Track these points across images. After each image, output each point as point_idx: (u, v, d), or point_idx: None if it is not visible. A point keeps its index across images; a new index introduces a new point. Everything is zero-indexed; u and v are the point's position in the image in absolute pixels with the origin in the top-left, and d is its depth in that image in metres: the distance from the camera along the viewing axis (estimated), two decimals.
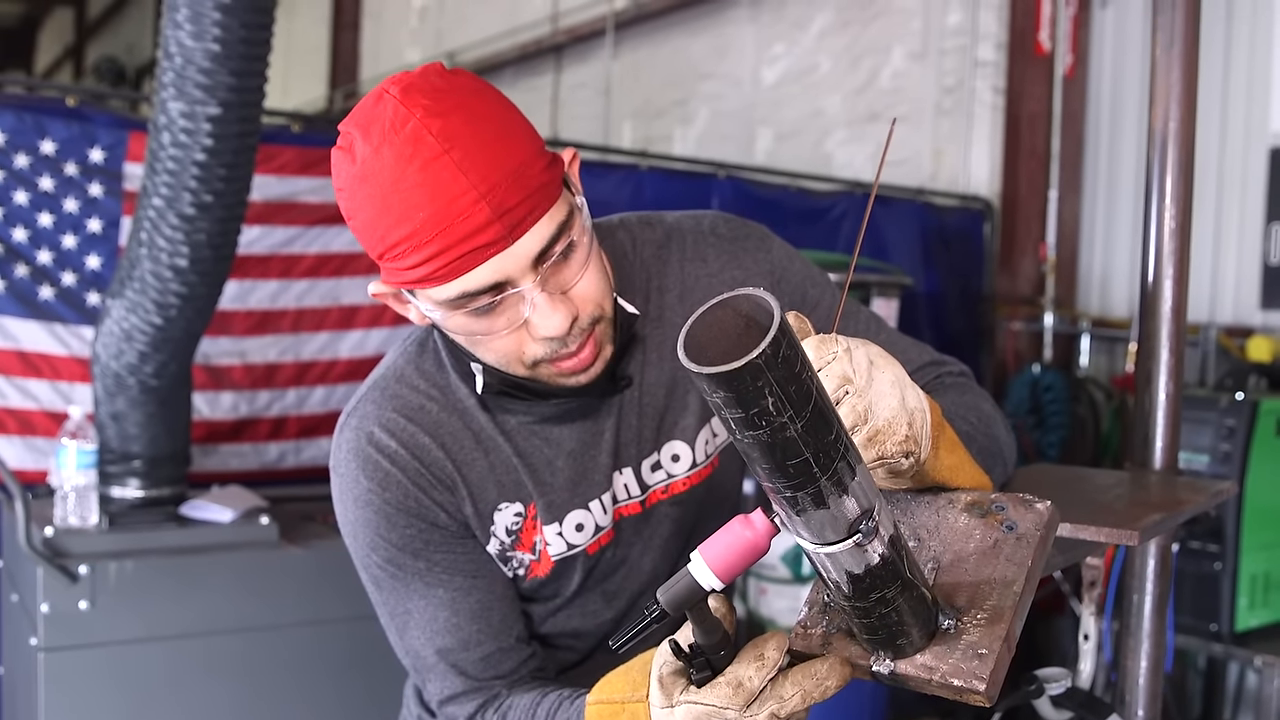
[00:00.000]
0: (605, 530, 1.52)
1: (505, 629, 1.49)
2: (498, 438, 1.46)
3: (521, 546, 1.50)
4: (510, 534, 1.48)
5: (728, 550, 0.96)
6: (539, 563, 1.51)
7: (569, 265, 1.30)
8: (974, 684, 0.91)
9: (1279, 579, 3.39)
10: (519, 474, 1.47)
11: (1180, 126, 1.51)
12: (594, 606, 1.59)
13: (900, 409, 0.99)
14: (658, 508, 1.55)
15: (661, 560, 1.59)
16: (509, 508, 1.47)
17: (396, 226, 1.23)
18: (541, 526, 1.49)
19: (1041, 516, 0.98)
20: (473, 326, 1.30)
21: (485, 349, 1.33)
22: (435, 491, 1.44)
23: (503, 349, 1.32)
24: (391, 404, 1.46)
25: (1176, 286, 1.53)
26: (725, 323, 0.80)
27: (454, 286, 1.25)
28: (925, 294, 4.88)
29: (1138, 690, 1.55)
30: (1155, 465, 1.55)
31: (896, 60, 5.58)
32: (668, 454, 1.54)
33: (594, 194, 4.03)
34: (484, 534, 1.47)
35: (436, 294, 1.26)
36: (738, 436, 0.79)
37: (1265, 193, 4.38)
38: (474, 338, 1.32)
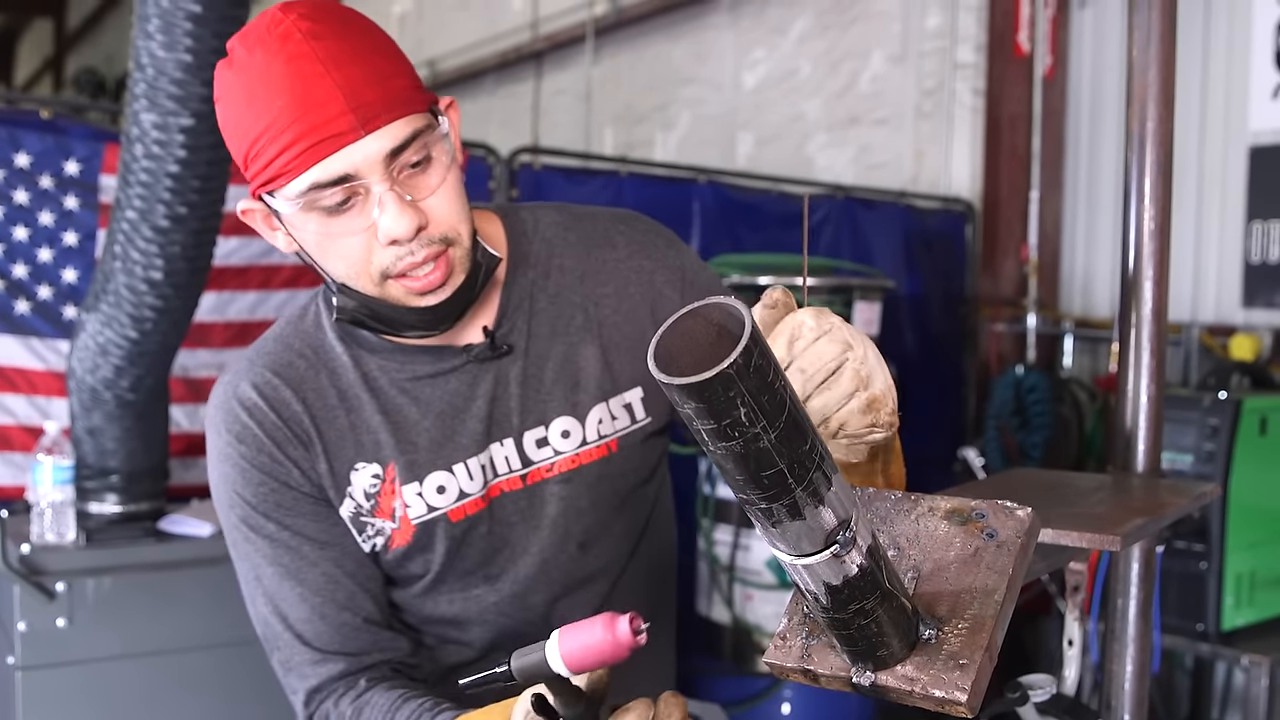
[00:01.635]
0: (472, 498, 1.50)
1: (354, 605, 1.47)
2: (363, 395, 1.47)
3: (380, 512, 1.48)
4: (368, 498, 1.47)
5: (585, 648, 1.00)
6: (399, 530, 1.49)
7: (423, 177, 1.34)
8: (955, 695, 0.90)
9: (1265, 578, 3.39)
10: (380, 434, 1.47)
11: (1158, 126, 1.50)
12: (476, 590, 1.56)
13: (888, 380, 1.05)
14: (543, 486, 1.53)
15: (549, 543, 1.56)
16: (366, 468, 1.47)
17: (258, 119, 1.27)
18: (400, 487, 1.48)
19: (1022, 523, 0.97)
20: (324, 226, 1.32)
21: (335, 255, 1.34)
22: (290, 447, 1.45)
23: (351, 253, 1.33)
24: (263, 360, 1.49)
25: (1157, 287, 1.52)
26: (696, 332, 0.78)
27: (306, 178, 1.28)
28: (908, 296, 4.88)
29: (1123, 695, 1.53)
30: (1138, 468, 1.54)
31: (876, 64, 5.58)
32: (556, 430, 1.53)
33: (574, 200, 4.03)
34: (339, 496, 1.47)
35: (291, 189, 1.29)
36: (710, 448, 0.77)
37: (1245, 191, 4.38)
38: (324, 242, 1.33)
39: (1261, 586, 3.39)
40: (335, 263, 1.35)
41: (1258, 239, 4.35)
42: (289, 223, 1.34)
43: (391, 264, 1.34)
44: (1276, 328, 4.21)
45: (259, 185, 1.32)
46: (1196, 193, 4.51)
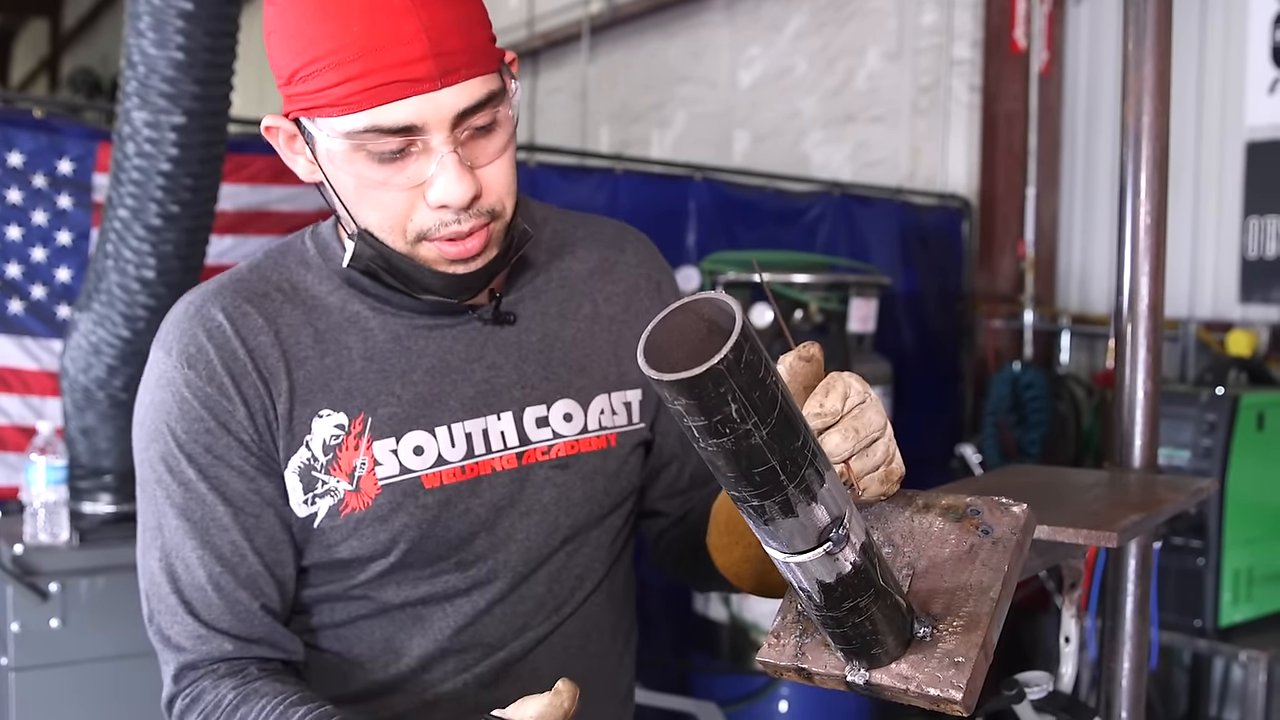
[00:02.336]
0: (450, 467, 1.36)
1: (254, 586, 1.31)
2: (348, 339, 1.35)
3: (336, 469, 1.33)
4: (326, 450, 1.32)
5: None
6: (356, 494, 1.34)
7: (487, 142, 1.26)
8: (950, 693, 0.89)
9: (1262, 574, 3.38)
10: (356, 380, 1.34)
11: (1154, 121, 1.50)
12: (448, 577, 1.40)
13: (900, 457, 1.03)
14: (537, 469, 1.41)
15: (536, 534, 1.43)
16: (330, 417, 1.33)
17: (325, 37, 1.17)
18: (372, 442, 1.34)
19: (1018, 520, 0.96)
20: (368, 172, 1.22)
21: (371, 205, 1.25)
22: (246, 382, 1.31)
23: (391, 207, 1.25)
24: (235, 286, 1.36)
25: (1153, 283, 1.52)
26: (687, 328, 0.77)
27: (366, 117, 1.19)
28: (904, 294, 4.87)
29: (1121, 692, 1.53)
30: (1134, 464, 1.53)
31: (872, 61, 5.57)
32: (559, 412, 1.44)
33: (570, 198, 4.04)
34: (292, 445, 1.32)
35: (343, 124, 1.20)
36: (701, 445, 0.76)
37: (1242, 187, 4.37)
38: (363, 189, 1.24)
39: (1259, 582, 3.38)
40: (369, 212, 1.26)
41: (1254, 234, 4.34)
42: (325, 156, 1.24)
43: (434, 227, 1.25)
44: (1273, 323, 4.21)
45: (302, 108, 1.22)
46: (1193, 189, 4.50)
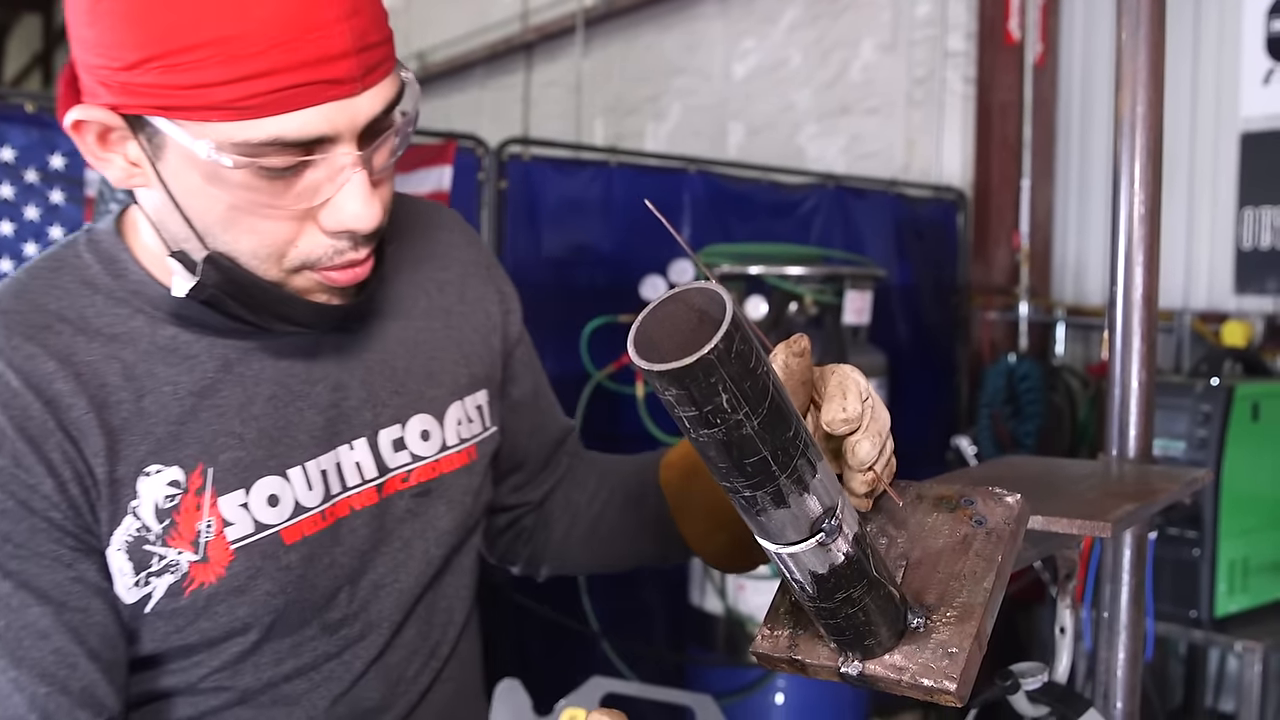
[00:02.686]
0: (312, 513, 1.14)
1: (92, 700, 1.03)
2: (163, 371, 1.08)
3: (176, 538, 1.07)
4: (161, 516, 1.06)
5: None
6: (206, 564, 1.08)
7: (385, 153, 1.06)
8: (944, 684, 0.89)
9: (1258, 564, 3.39)
10: (187, 423, 1.08)
11: (1148, 110, 1.49)
12: (315, 644, 1.17)
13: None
14: (397, 500, 1.22)
15: (406, 575, 1.23)
16: (161, 473, 1.06)
17: (211, 19, 0.93)
18: (216, 499, 1.08)
19: (1012, 510, 0.96)
20: (251, 191, 0.99)
21: (246, 229, 1.02)
22: (49, 444, 1.02)
23: (274, 233, 1.02)
24: (10, 323, 1.06)
25: (1147, 273, 1.51)
26: (677, 318, 0.77)
27: (271, 125, 0.96)
28: (899, 286, 4.87)
29: (1116, 682, 1.53)
30: (1129, 454, 1.53)
31: (866, 52, 5.56)
32: (415, 430, 1.24)
33: (564, 191, 4.03)
34: (115, 514, 1.05)
35: (234, 131, 0.96)
36: (692, 435, 0.76)
37: (1237, 178, 4.37)
38: (238, 210, 1.00)
39: (1254, 573, 3.38)
40: (241, 237, 1.02)
41: (1249, 225, 4.34)
42: (178, 165, 0.99)
43: (324, 256, 1.04)
44: (1268, 314, 4.21)
45: (157, 105, 0.96)
46: (1188, 180, 4.50)
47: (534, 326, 4.28)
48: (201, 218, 1.02)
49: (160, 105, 0.96)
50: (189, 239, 1.04)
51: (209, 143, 0.96)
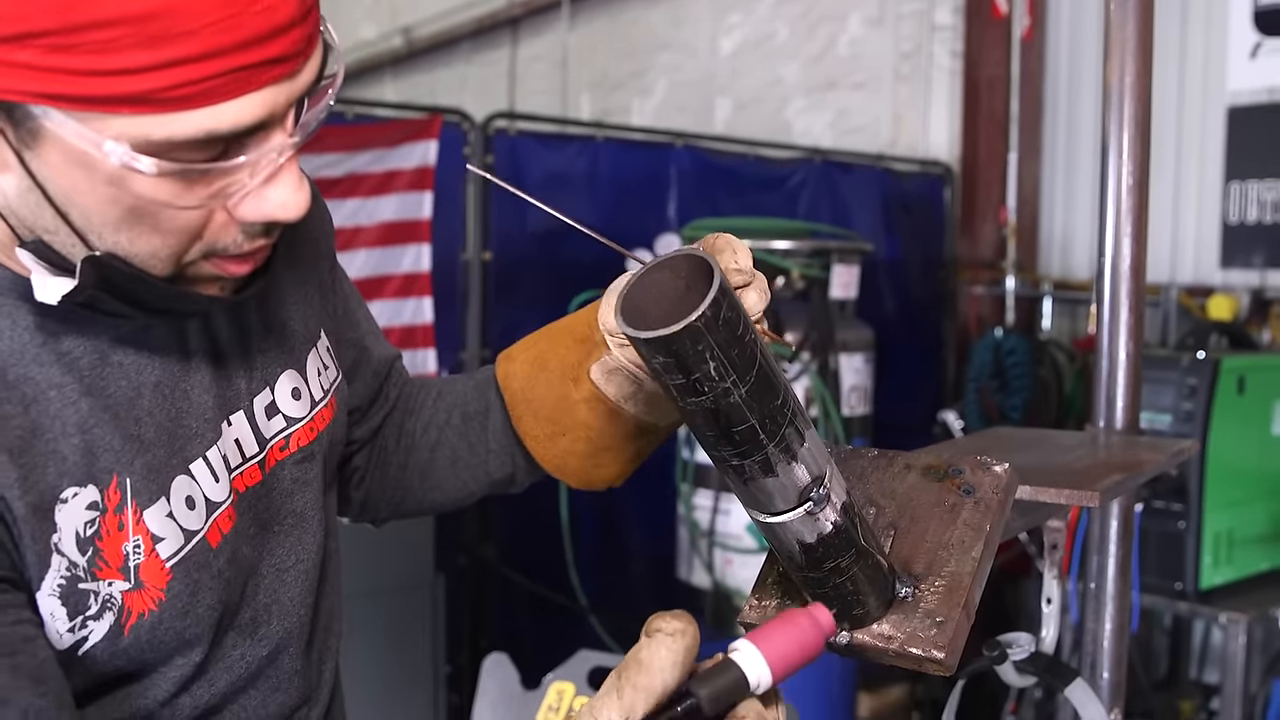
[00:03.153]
0: (224, 508, 1.01)
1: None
2: (41, 374, 0.91)
3: (104, 569, 0.92)
4: (84, 546, 0.91)
5: (793, 652, 0.81)
6: (141, 591, 0.93)
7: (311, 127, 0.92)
8: (932, 653, 0.89)
9: (1242, 537, 3.40)
10: (87, 431, 0.92)
11: (1136, 81, 1.49)
12: (241, 651, 1.05)
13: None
14: (281, 472, 1.09)
15: (305, 553, 1.11)
16: (78, 496, 0.91)
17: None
18: (140, 513, 0.94)
19: (1000, 479, 0.96)
20: (160, 190, 0.83)
21: (149, 232, 0.86)
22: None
23: (181, 231, 0.87)
24: None
25: (1135, 244, 1.51)
26: (665, 285, 0.77)
27: (199, 119, 0.80)
28: (886, 260, 4.87)
29: (1103, 653, 1.53)
30: (1116, 425, 1.54)
31: (854, 27, 5.55)
32: (285, 390, 1.10)
33: (550, 166, 4.02)
34: (41, 556, 0.89)
35: (156, 127, 0.80)
36: (680, 403, 0.76)
37: (1223, 152, 4.38)
38: (139, 213, 0.85)
39: (1239, 545, 3.40)
40: (139, 239, 0.86)
41: (1235, 199, 4.35)
42: (60, 160, 0.82)
43: (231, 244, 0.90)
44: (1254, 287, 4.22)
45: (46, 92, 0.78)
46: (1175, 153, 4.50)
47: (520, 301, 4.27)
48: (86, 218, 0.85)
49: (47, 93, 0.78)
50: (59, 234, 0.86)
51: (120, 144, 0.79)
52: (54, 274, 0.87)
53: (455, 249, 3.80)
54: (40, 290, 0.87)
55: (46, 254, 0.87)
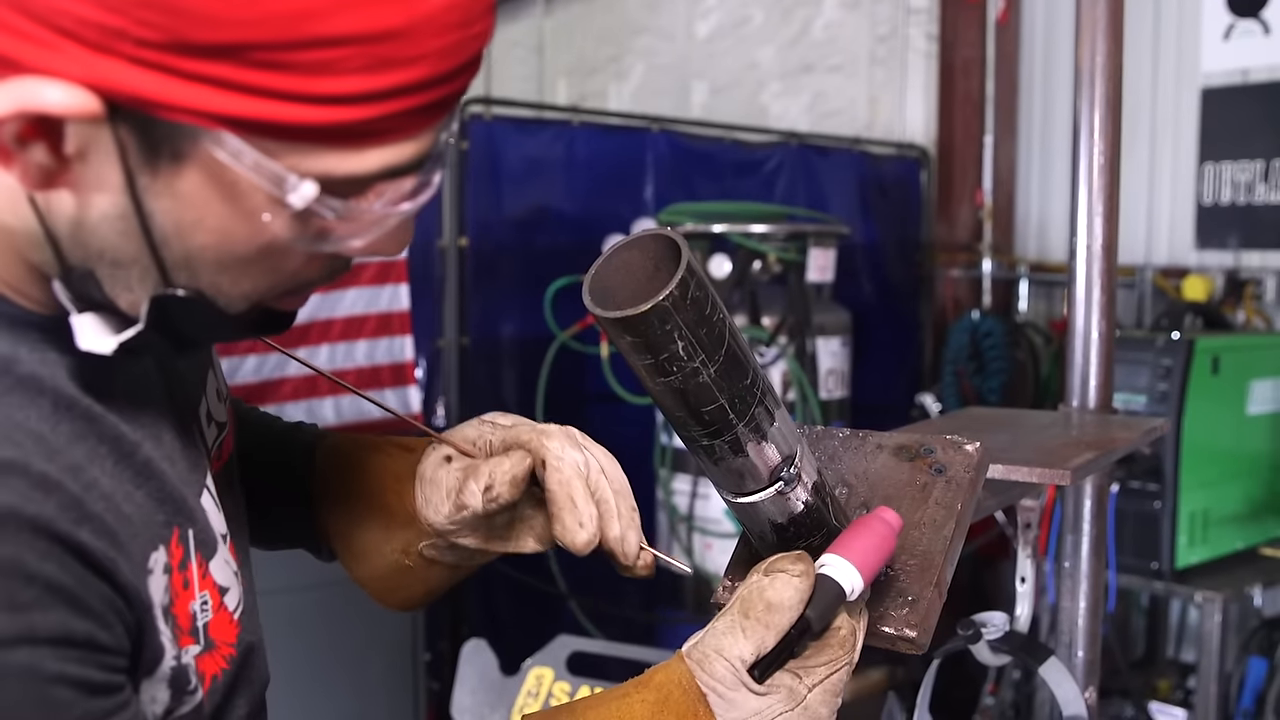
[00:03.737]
0: (228, 539, 0.93)
1: None
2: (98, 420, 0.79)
3: (185, 636, 0.82)
4: (168, 617, 0.81)
5: (875, 556, 0.85)
6: (213, 653, 0.85)
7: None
8: (905, 631, 0.89)
9: (1217, 516, 3.42)
10: (143, 477, 0.81)
11: (1107, 60, 1.49)
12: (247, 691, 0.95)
13: None
14: (222, 480, 0.97)
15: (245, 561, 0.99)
16: (158, 561, 0.80)
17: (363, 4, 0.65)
18: (206, 565, 0.86)
19: (971, 458, 0.96)
20: (296, 234, 0.74)
21: (265, 272, 0.77)
22: (100, 587, 0.73)
23: (289, 270, 0.79)
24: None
25: (1107, 224, 1.52)
26: (633, 265, 0.76)
27: (384, 155, 0.72)
28: (863, 244, 4.87)
29: (1077, 631, 1.54)
30: (1090, 405, 1.54)
31: (829, 10, 5.54)
32: (212, 390, 1.00)
33: (526, 150, 4.01)
34: (153, 643, 0.79)
35: (340, 164, 0.71)
36: (649, 384, 0.76)
37: (1197, 133, 4.39)
38: (268, 252, 0.75)
39: (1214, 525, 3.42)
40: (248, 279, 0.77)
41: (1210, 181, 4.37)
42: (198, 189, 0.71)
43: (318, 278, 0.83)
44: (1229, 268, 4.24)
45: (239, 114, 0.67)
46: (1149, 135, 4.52)
47: (497, 287, 4.25)
48: (189, 255, 0.74)
49: (236, 116, 0.67)
50: (130, 268, 0.75)
51: (310, 182, 0.70)
52: (106, 327, 0.77)
53: (431, 235, 3.79)
54: (89, 336, 0.76)
55: (84, 289, 0.76)
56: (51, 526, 0.70)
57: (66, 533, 0.71)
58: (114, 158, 0.69)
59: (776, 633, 0.83)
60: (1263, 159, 4.24)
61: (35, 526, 0.69)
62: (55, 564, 0.70)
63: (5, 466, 0.70)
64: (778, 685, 0.84)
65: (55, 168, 0.69)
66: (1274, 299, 4.15)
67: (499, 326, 3.96)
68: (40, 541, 0.69)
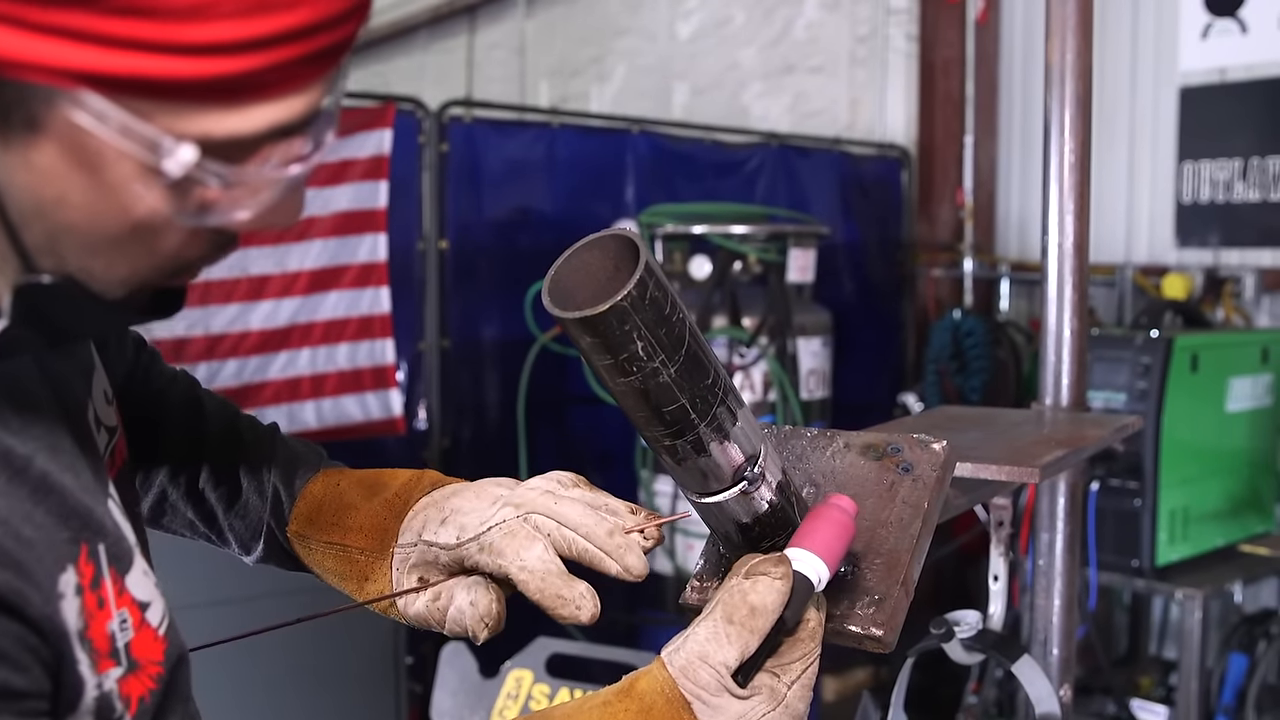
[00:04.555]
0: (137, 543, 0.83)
1: None
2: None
3: (104, 659, 0.74)
4: (83, 641, 0.72)
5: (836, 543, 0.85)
6: (138, 672, 0.76)
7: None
8: (871, 630, 0.89)
9: (1197, 513, 3.44)
10: (49, 486, 0.73)
11: (1077, 59, 1.50)
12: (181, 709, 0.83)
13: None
14: (118, 485, 0.87)
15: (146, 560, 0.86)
16: (68, 579, 0.71)
17: None
18: (121, 578, 0.77)
19: (938, 457, 0.96)
20: (175, 208, 0.67)
21: (140, 252, 0.70)
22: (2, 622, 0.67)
23: (169, 248, 0.71)
24: None
25: (1078, 221, 1.52)
26: (593, 266, 0.76)
27: (270, 112, 0.65)
28: (844, 244, 4.88)
29: (1052, 629, 1.54)
30: (1063, 403, 1.54)
31: (810, 10, 5.55)
32: (99, 389, 0.91)
33: (507, 152, 4.00)
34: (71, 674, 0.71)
35: (219, 123, 0.64)
36: (610, 384, 0.75)
37: (1176, 132, 4.41)
38: (142, 229, 0.68)
39: (1194, 522, 3.43)
40: (124, 259, 0.70)
41: (1189, 179, 4.38)
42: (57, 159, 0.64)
43: (200, 258, 0.75)
44: (1208, 266, 4.26)
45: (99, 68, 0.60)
46: (1128, 134, 4.53)
47: (478, 289, 4.24)
48: (53, 237, 0.67)
49: (97, 71, 0.60)
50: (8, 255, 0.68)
51: (188, 145, 0.63)
52: None
53: (412, 238, 3.78)
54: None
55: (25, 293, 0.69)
56: None
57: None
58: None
59: (759, 636, 0.82)
60: (1241, 157, 4.26)
61: None
62: None
63: None
64: (759, 687, 0.83)
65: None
66: (1253, 296, 4.16)
67: (480, 329, 3.95)
68: None
